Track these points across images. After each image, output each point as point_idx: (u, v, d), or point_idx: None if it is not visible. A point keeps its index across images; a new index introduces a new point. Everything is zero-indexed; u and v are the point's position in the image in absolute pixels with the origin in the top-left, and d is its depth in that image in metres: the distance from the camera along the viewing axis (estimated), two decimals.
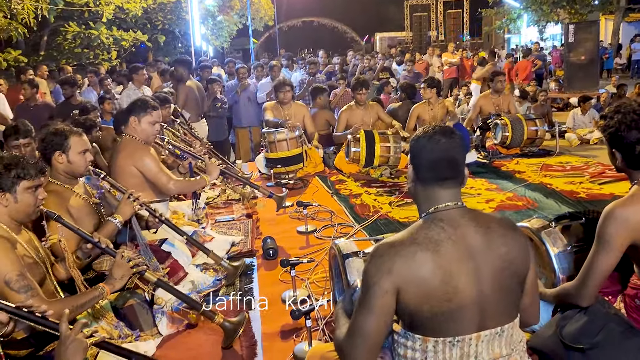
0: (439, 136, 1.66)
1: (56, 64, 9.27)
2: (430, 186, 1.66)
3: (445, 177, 1.65)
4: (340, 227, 4.13)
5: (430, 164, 1.66)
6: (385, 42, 29.18)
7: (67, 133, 2.85)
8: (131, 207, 2.88)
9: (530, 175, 5.38)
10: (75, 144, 2.85)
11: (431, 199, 1.66)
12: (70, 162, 2.84)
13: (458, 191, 1.68)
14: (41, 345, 2.17)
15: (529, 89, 10.22)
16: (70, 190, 2.86)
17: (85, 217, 2.83)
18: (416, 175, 1.71)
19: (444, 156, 1.64)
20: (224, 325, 2.53)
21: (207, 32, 13.79)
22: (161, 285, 2.57)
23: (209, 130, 7.08)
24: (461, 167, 1.67)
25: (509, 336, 1.62)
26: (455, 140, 1.67)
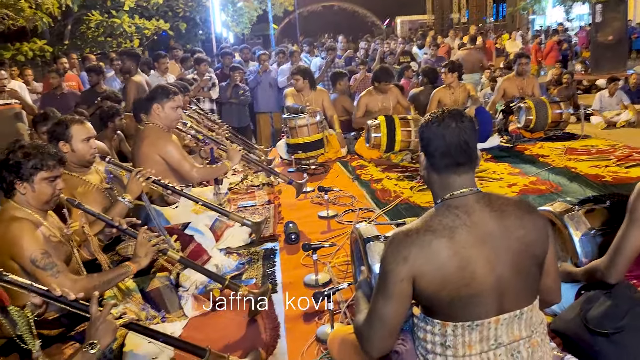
0: (448, 121, 1.63)
1: (80, 53, 9.43)
2: (445, 173, 1.64)
3: (459, 163, 1.63)
4: (361, 212, 4.14)
5: (442, 151, 1.63)
6: (407, 26, 28.80)
7: (68, 122, 2.90)
8: (138, 184, 2.92)
9: (554, 159, 5.30)
10: (77, 132, 2.90)
11: (445, 185, 1.65)
12: (74, 150, 2.89)
13: (472, 176, 1.66)
14: (72, 325, 2.25)
15: (554, 71, 10.02)
16: (79, 179, 2.93)
17: (93, 203, 2.86)
18: (428, 162, 1.68)
19: (456, 141, 1.61)
20: (249, 297, 2.58)
21: (227, 18, 13.81)
22: (184, 262, 2.63)
23: (231, 116, 7.15)
24: (474, 151, 1.65)
25: (529, 318, 1.62)
26: (466, 124, 1.64)
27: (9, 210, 2.28)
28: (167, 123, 3.65)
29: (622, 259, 1.99)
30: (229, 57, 8.25)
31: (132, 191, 2.90)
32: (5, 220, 2.24)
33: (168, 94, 3.62)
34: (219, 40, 11.96)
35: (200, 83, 6.90)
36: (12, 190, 2.29)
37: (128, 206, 2.84)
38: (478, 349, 1.58)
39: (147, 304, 2.56)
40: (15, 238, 2.18)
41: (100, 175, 3.07)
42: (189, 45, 12.35)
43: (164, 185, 3.09)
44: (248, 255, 3.37)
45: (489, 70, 10.36)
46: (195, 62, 7.18)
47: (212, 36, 10.31)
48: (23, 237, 2.18)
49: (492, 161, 5.47)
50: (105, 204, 2.95)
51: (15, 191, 2.29)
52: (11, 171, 2.27)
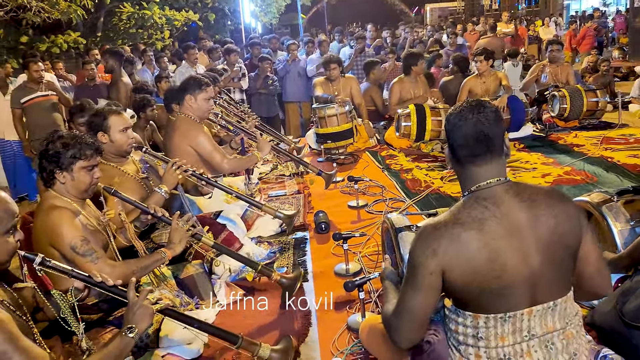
0: (466, 112, 1.62)
1: (112, 45, 9.60)
2: (467, 164, 1.63)
3: (477, 154, 1.60)
4: (391, 201, 4.13)
5: (461, 142, 1.62)
6: (436, 13, 28.36)
7: (105, 113, 2.95)
8: (175, 175, 2.97)
9: (590, 149, 5.18)
10: (115, 122, 2.94)
11: (471, 177, 1.63)
12: (112, 141, 2.94)
13: (499, 166, 1.62)
14: (110, 310, 2.31)
15: (590, 58, 9.74)
16: (117, 169, 2.98)
17: (131, 193, 2.88)
18: (452, 154, 1.68)
19: (472, 132, 1.59)
20: (282, 282, 2.62)
21: (255, 8, 13.81)
22: (218, 247, 2.67)
23: (260, 106, 7.19)
24: (495, 140, 1.61)
25: (563, 310, 1.59)
26: (485, 114, 1.60)
27: (49, 199, 2.35)
28: (199, 114, 3.69)
29: None
30: (258, 48, 8.28)
31: (169, 182, 2.95)
32: (45, 209, 2.32)
33: (201, 85, 3.66)
34: (247, 30, 11.99)
35: (231, 74, 6.95)
36: (52, 179, 2.35)
37: (164, 197, 2.89)
38: (511, 341, 1.57)
39: (181, 291, 2.61)
40: (55, 226, 2.25)
41: (136, 166, 3.13)
42: (218, 35, 12.44)
43: (199, 177, 3.14)
44: (279, 244, 3.41)
45: (522, 58, 10.14)
46: (225, 53, 7.22)
47: (241, 26, 10.34)
48: (63, 225, 2.25)
49: (524, 151, 5.38)
50: (141, 194, 3.00)
51: (55, 180, 2.35)
52: (51, 161, 2.33)
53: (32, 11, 7.13)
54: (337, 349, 2.34)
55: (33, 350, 1.58)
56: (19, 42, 8.22)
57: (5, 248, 1.71)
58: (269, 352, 2.12)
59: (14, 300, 1.75)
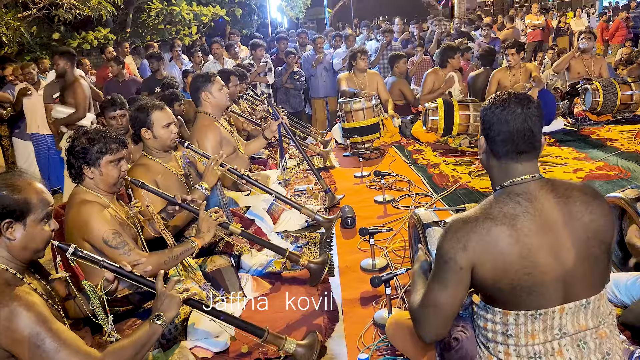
0: (514, 106, 1.56)
1: (141, 41, 9.73)
2: (505, 159, 1.59)
3: (522, 151, 1.57)
4: (418, 197, 4.10)
5: (505, 137, 1.57)
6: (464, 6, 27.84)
7: (149, 109, 2.96)
8: (215, 173, 2.99)
9: (624, 143, 5.04)
10: (159, 118, 2.96)
11: (506, 172, 1.60)
12: (155, 136, 2.96)
13: (535, 163, 1.60)
14: (141, 302, 2.35)
15: (624, 50, 9.45)
16: (161, 165, 3.00)
17: (173, 189, 2.93)
18: (490, 147, 1.63)
19: (521, 128, 1.55)
20: (310, 267, 2.63)
21: (282, 3, 13.83)
22: (246, 235, 2.69)
23: (286, 101, 7.20)
24: (538, 138, 1.58)
25: (596, 308, 1.56)
26: (532, 110, 1.56)
27: (79, 194, 2.40)
28: (220, 105, 3.72)
29: None
30: (284, 42, 8.29)
31: (209, 180, 2.97)
32: (76, 204, 2.36)
33: (209, 78, 3.68)
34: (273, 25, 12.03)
35: (257, 69, 6.98)
36: (81, 175, 2.40)
37: (205, 194, 2.91)
38: (542, 339, 1.54)
39: (208, 284, 2.64)
40: (87, 220, 2.29)
41: (178, 162, 3.14)
42: (245, 30, 12.49)
43: (240, 175, 3.16)
44: (305, 239, 3.41)
45: (552, 51, 9.91)
46: (251, 48, 7.25)
47: (268, 21, 10.37)
48: (94, 219, 2.29)
49: (555, 145, 5.26)
50: (182, 191, 3.01)
51: (83, 176, 2.39)
52: (78, 157, 2.37)
53: (64, 8, 7.27)
54: (363, 344, 2.33)
55: (64, 333, 1.62)
56: (51, 39, 8.39)
57: (41, 236, 1.75)
58: (295, 346, 2.13)
59: (46, 290, 1.80)
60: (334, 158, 5.36)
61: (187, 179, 3.11)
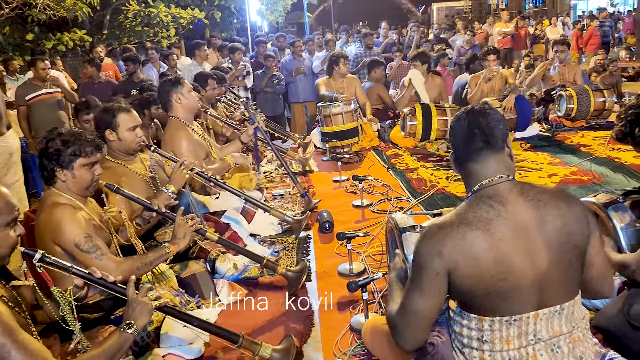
0: (463, 113, 1.67)
1: (119, 43, 9.60)
2: (468, 162, 1.64)
3: (477, 148, 1.61)
4: (396, 201, 4.11)
5: (460, 140, 1.65)
6: (443, 13, 28.22)
7: (115, 110, 2.91)
8: (182, 175, 2.95)
9: (597, 149, 5.12)
10: (124, 120, 2.91)
11: (473, 175, 1.63)
12: (120, 138, 2.91)
13: (498, 162, 1.61)
14: (112, 309, 2.30)
15: (597, 57, 9.66)
16: (124, 167, 2.96)
17: (138, 192, 2.87)
18: (455, 154, 1.70)
19: (471, 128, 1.62)
20: (287, 275, 2.61)
21: (261, 7, 13.80)
22: (222, 242, 2.66)
23: (265, 105, 7.18)
24: (494, 134, 1.61)
25: (570, 313, 1.57)
26: (484, 113, 1.63)
27: (51, 197, 2.34)
28: (192, 108, 3.67)
29: None
30: (264, 46, 8.28)
31: (176, 182, 2.93)
32: (47, 206, 2.31)
33: (178, 80, 3.65)
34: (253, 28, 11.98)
35: (235, 72, 6.94)
36: (53, 177, 2.34)
37: (171, 197, 2.87)
38: (516, 344, 1.54)
39: (183, 290, 2.59)
40: (58, 223, 2.23)
41: (144, 164, 3.10)
42: (225, 34, 12.43)
43: (207, 178, 3.12)
44: (282, 244, 3.38)
45: (528, 58, 10.07)
46: (230, 51, 7.21)
47: (247, 24, 10.33)
48: (66, 222, 2.24)
49: (531, 151, 5.33)
50: (148, 193, 2.97)
51: (56, 178, 2.34)
52: (51, 159, 2.32)
53: (38, 8, 7.14)
54: (339, 350, 2.32)
55: (31, 344, 1.57)
56: (24, 40, 8.22)
57: (7, 241, 1.70)
58: (270, 351, 2.10)
59: (12, 297, 1.74)
60: (312, 162, 5.36)
61: (153, 181, 3.07)
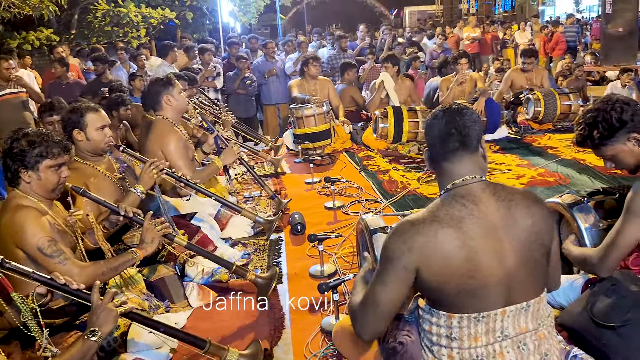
0: (439, 112, 1.68)
1: (87, 42, 9.40)
2: (443, 161, 1.65)
3: (449, 149, 1.62)
4: (367, 202, 4.13)
5: (437, 139, 1.65)
6: (415, 16, 28.54)
7: (83, 110, 2.86)
8: (152, 175, 2.89)
9: (563, 151, 5.25)
10: (93, 120, 2.86)
11: (447, 174, 1.64)
12: (89, 138, 2.86)
13: (472, 163, 1.63)
14: (77, 314, 2.25)
15: (564, 62, 9.90)
16: (92, 168, 2.90)
17: (106, 193, 2.84)
18: (429, 153, 1.71)
19: (448, 128, 1.62)
20: (257, 282, 2.58)
21: (234, 8, 13.71)
22: (191, 248, 2.62)
23: (237, 106, 7.13)
24: (470, 135, 1.62)
25: (536, 311, 1.60)
26: (461, 112, 1.64)
27: (14, 199, 2.28)
28: (181, 109, 3.61)
29: (615, 253, 1.99)
30: (236, 47, 8.22)
31: (145, 182, 2.87)
32: (11, 208, 2.24)
33: (170, 81, 3.59)
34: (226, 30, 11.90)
35: (205, 73, 6.87)
36: (17, 179, 2.28)
37: (140, 197, 2.82)
38: (484, 341, 1.56)
39: (151, 294, 2.55)
40: (21, 226, 2.17)
41: (113, 165, 3.04)
42: (196, 35, 12.31)
43: (177, 178, 3.08)
44: (253, 246, 3.36)
45: (497, 62, 10.27)
46: (200, 52, 7.15)
47: (219, 26, 10.25)
48: (29, 225, 2.18)
49: (500, 153, 5.43)
50: (117, 194, 2.92)
51: (20, 180, 2.28)
52: (16, 160, 2.26)
53: (2, 6, 6.94)
54: (310, 351, 2.31)
55: None
56: None
57: None
58: (237, 356, 2.09)
59: None
60: (285, 164, 5.34)
61: (122, 182, 3.01)
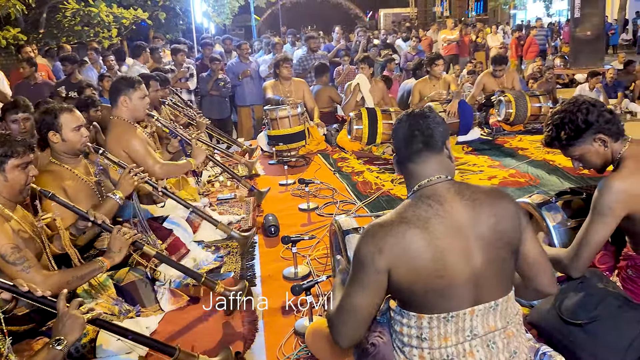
0: (404, 116, 1.72)
1: (56, 42, 9.18)
2: (408, 163, 1.68)
3: (417, 150, 1.65)
4: (342, 204, 4.13)
5: (402, 142, 1.68)
6: (390, 19, 28.77)
7: (57, 111, 2.79)
8: (132, 182, 2.85)
9: (534, 152, 5.35)
10: (67, 121, 2.80)
11: (413, 176, 1.67)
12: (64, 139, 2.79)
13: (437, 163, 1.65)
14: (43, 321, 2.19)
15: (535, 65, 10.09)
16: (69, 170, 2.83)
17: (83, 197, 2.80)
18: (397, 157, 1.73)
19: (412, 130, 1.66)
20: (225, 294, 2.54)
21: (208, 9, 13.60)
22: (160, 258, 2.57)
23: (211, 108, 7.07)
24: (434, 136, 1.65)
25: (504, 309, 1.62)
26: (424, 115, 1.68)
27: None
28: (135, 114, 3.52)
29: (585, 253, 2.02)
30: (209, 48, 8.15)
31: (125, 189, 2.82)
32: None
33: (133, 84, 3.50)
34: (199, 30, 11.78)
35: (178, 74, 6.79)
36: None
37: (119, 203, 2.77)
38: (454, 341, 1.57)
39: (122, 299, 2.50)
40: None
41: (89, 168, 2.98)
42: (169, 35, 12.17)
43: (155, 186, 3.03)
44: (227, 249, 3.33)
45: (470, 64, 10.40)
46: (172, 53, 7.06)
47: (193, 26, 10.14)
48: None
49: (472, 154, 5.50)
50: (94, 199, 2.86)
51: None
52: None
53: None
54: (283, 354, 2.30)
55: None
56: None
57: None
58: None
59: None
60: (259, 166, 5.31)
61: (98, 186, 2.95)
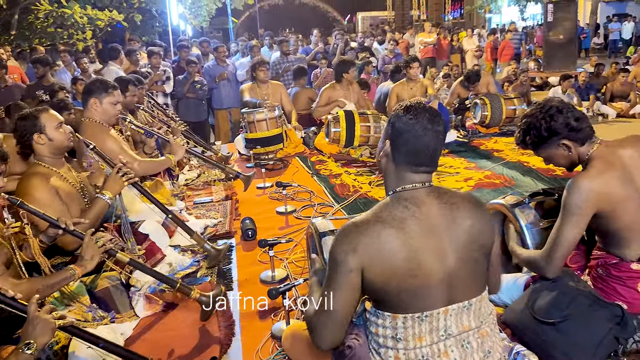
0: (426, 121, 1.61)
1: (28, 44, 8.98)
2: (404, 168, 1.65)
3: (421, 164, 1.64)
4: (319, 207, 4.13)
5: (411, 149, 1.62)
6: (368, 22, 28.92)
7: (35, 113, 2.76)
8: (121, 182, 2.82)
9: (508, 154, 5.44)
10: (48, 120, 2.76)
11: (400, 179, 1.66)
12: (51, 139, 2.75)
13: (430, 175, 1.67)
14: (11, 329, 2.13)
15: (509, 68, 10.26)
16: (55, 172, 2.78)
17: (72, 201, 2.75)
18: (392, 153, 1.67)
19: (427, 145, 1.62)
20: (201, 300, 2.52)
21: (185, 11, 13.47)
22: (134, 264, 2.53)
23: (188, 111, 7.01)
24: (438, 155, 1.67)
25: (478, 309, 1.64)
26: (440, 129, 1.63)
27: None
28: (105, 118, 3.48)
29: (558, 253, 2.07)
30: (186, 50, 8.09)
31: (114, 189, 2.78)
32: None
33: (107, 88, 3.46)
34: (176, 33, 11.67)
35: (154, 77, 6.72)
36: None
37: (108, 203, 2.73)
38: (428, 341, 1.59)
39: (96, 306, 2.46)
40: None
41: (72, 171, 2.92)
42: (146, 37, 12.03)
43: (141, 190, 3.00)
44: (203, 253, 3.30)
45: (447, 67, 10.51)
46: (148, 55, 6.98)
47: (169, 29, 10.03)
48: None
49: (449, 156, 5.56)
50: (81, 201, 2.82)
51: None
52: None
53: None
54: (260, 358, 2.29)
55: None
56: None
57: None
58: None
59: None
60: (236, 169, 5.27)
61: (83, 189, 2.91)
